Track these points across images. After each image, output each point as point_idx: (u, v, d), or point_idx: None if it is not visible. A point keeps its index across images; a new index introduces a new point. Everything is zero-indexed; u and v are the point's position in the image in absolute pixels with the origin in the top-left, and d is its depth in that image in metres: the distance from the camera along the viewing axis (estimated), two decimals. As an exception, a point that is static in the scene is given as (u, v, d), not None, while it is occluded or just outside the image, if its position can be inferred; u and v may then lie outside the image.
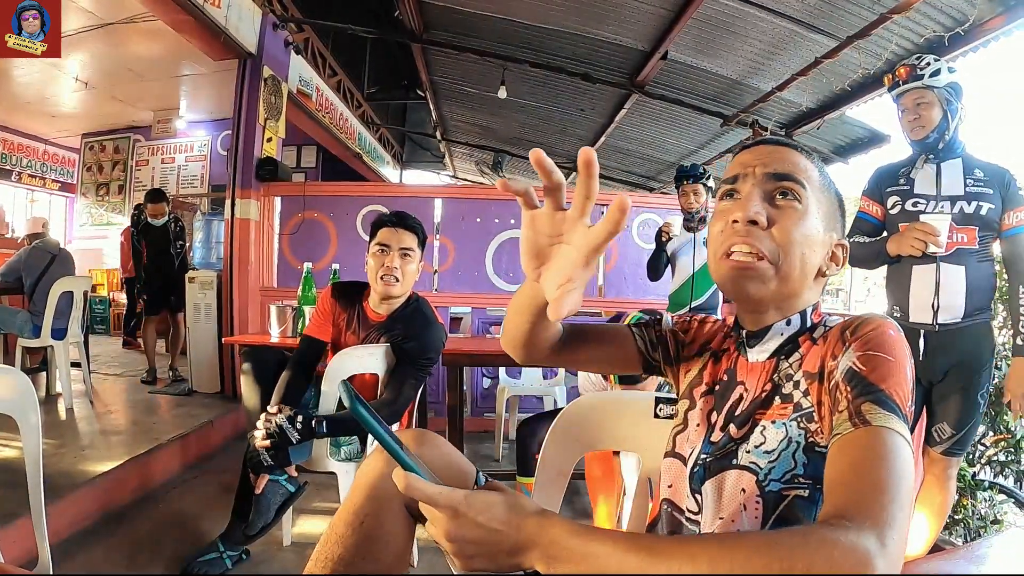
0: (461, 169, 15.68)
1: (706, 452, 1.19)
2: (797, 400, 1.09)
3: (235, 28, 5.47)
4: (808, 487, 1.04)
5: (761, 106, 6.99)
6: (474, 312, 5.81)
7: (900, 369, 0.97)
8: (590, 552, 0.78)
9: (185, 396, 5.51)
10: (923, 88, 2.75)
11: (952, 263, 2.69)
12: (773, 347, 1.18)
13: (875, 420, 0.89)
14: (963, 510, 3.46)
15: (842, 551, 0.71)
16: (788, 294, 1.14)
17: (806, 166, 1.16)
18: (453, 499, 0.84)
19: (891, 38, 5.03)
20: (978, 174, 2.72)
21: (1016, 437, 3.43)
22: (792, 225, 1.10)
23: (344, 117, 9.39)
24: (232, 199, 5.71)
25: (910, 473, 0.85)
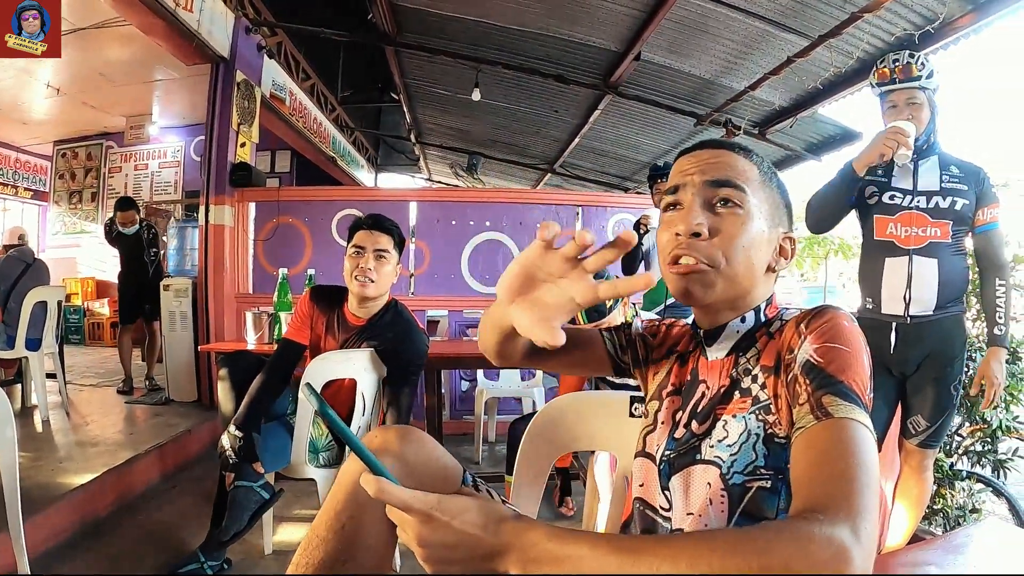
0: (436, 172, 15.64)
1: (670, 449, 1.22)
2: (755, 393, 1.11)
3: (207, 32, 5.43)
4: (770, 478, 1.05)
5: (734, 105, 7.03)
6: (451, 315, 5.82)
7: (857, 359, 0.98)
8: (568, 555, 0.78)
9: (162, 405, 5.46)
10: (917, 88, 2.78)
11: (925, 256, 2.74)
12: (730, 345, 1.20)
13: (837, 412, 0.91)
14: (942, 500, 3.51)
15: (818, 544, 0.72)
16: (737, 295, 1.16)
17: (745, 167, 1.17)
18: (427, 503, 0.83)
19: (862, 36, 5.08)
20: (953, 170, 2.77)
21: (992, 427, 3.47)
22: (735, 232, 1.12)
23: (318, 121, 9.36)
24: (206, 205, 5.66)
25: (876, 462, 0.86)
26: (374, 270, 2.79)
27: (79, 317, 9.88)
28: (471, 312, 5.81)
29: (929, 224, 2.73)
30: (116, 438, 4.46)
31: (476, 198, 6.37)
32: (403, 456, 1.17)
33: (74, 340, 9.61)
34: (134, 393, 5.86)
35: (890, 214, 2.81)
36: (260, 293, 5.56)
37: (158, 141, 9.96)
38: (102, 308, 9.87)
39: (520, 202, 5.97)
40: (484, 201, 6.02)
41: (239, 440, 2.57)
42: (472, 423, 5.15)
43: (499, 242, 5.73)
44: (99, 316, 9.87)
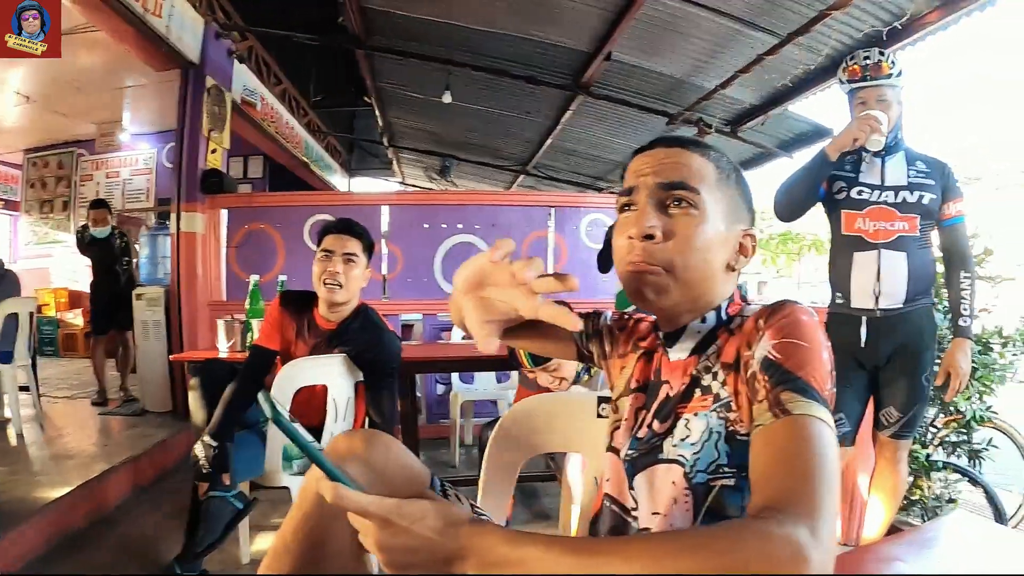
0: (409, 175, 15.59)
1: (632, 448, 1.22)
2: (716, 391, 1.11)
3: (177, 37, 5.38)
4: (733, 475, 1.05)
5: (705, 104, 7.08)
6: (425, 319, 5.81)
7: (816, 354, 0.97)
8: (525, 558, 0.78)
9: (137, 416, 5.41)
10: (886, 86, 2.81)
11: (893, 250, 2.78)
12: (691, 346, 1.19)
13: (796, 409, 0.90)
14: (919, 491, 3.55)
15: (776, 544, 0.72)
16: (695, 297, 1.15)
17: (700, 166, 1.15)
18: (385, 508, 0.83)
19: (831, 34, 5.13)
20: (920, 166, 2.83)
21: (967, 418, 3.52)
22: (689, 234, 1.10)
23: (290, 126, 9.30)
24: (177, 213, 5.61)
25: (835, 458, 0.86)
26: (342, 274, 2.80)
27: (52, 328, 9.73)
28: (445, 316, 5.76)
29: (897, 218, 2.78)
30: (91, 451, 4.42)
31: (448, 201, 6.37)
32: (369, 460, 1.16)
33: (48, 352, 9.46)
34: (109, 404, 5.80)
35: (858, 209, 2.85)
36: (233, 300, 5.51)
37: (129, 148, 9.81)
38: (76, 319, 9.73)
39: (493, 204, 5.98)
40: (456, 204, 6.02)
41: (213, 449, 2.56)
42: (448, 427, 5.14)
43: (472, 244, 5.72)
44: (73, 327, 9.72)
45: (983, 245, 3.59)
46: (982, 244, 3.58)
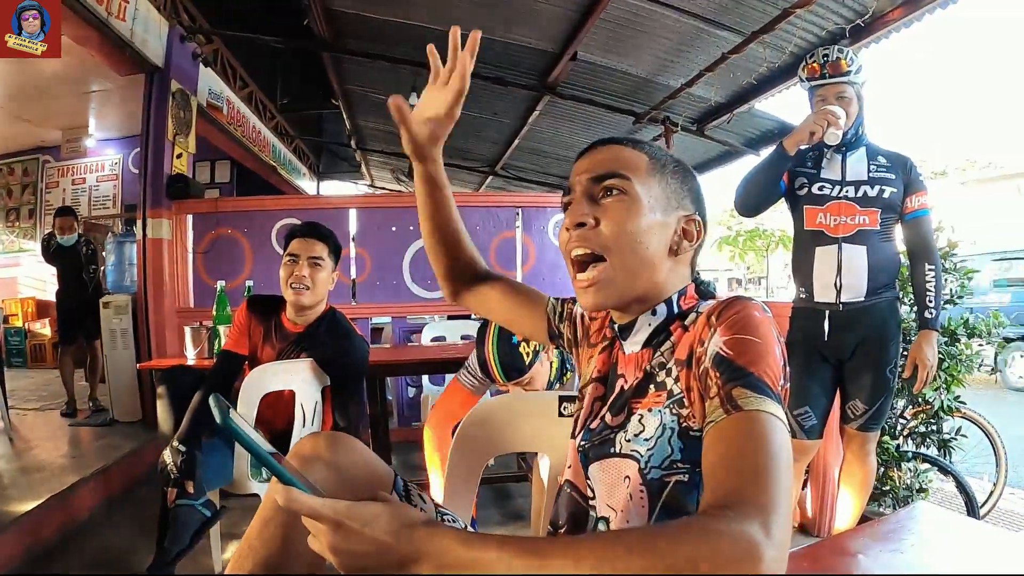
0: (378, 178, 15.57)
1: (585, 439, 1.24)
2: (669, 387, 1.11)
3: (141, 41, 5.32)
4: (687, 471, 1.06)
5: (671, 102, 7.13)
6: (395, 322, 5.76)
7: (768, 350, 0.98)
8: (479, 559, 0.78)
9: (106, 426, 5.35)
10: (845, 83, 2.84)
11: (854, 244, 2.81)
12: (643, 338, 1.21)
13: (747, 405, 0.91)
14: (890, 481, 3.60)
15: (727, 541, 0.72)
16: (642, 285, 1.17)
17: (631, 157, 1.19)
18: (336, 511, 0.82)
19: (794, 32, 5.18)
20: (881, 160, 2.86)
21: (935, 408, 3.56)
22: (618, 216, 1.14)
23: (257, 129, 9.22)
24: (143, 219, 5.53)
25: (787, 453, 0.86)
26: (308, 277, 2.80)
27: (20, 339, 9.60)
28: (415, 318, 5.80)
29: (858, 212, 2.81)
30: (61, 462, 4.37)
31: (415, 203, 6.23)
32: (333, 462, 1.17)
33: (16, 363, 9.34)
34: (78, 415, 5.73)
35: (819, 204, 2.88)
36: (201, 307, 5.45)
37: (95, 154, 9.69)
38: (43, 329, 9.59)
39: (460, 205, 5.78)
40: (422, 206, 5.92)
41: (181, 455, 2.54)
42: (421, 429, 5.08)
43: (439, 246, 5.64)
44: (41, 337, 9.60)
45: (945, 238, 3.64)
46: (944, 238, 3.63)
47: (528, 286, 1.56)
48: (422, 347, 4.81)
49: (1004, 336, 5.57)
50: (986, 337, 3.69)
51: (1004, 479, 3.87)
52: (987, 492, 3.88)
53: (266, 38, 7.61)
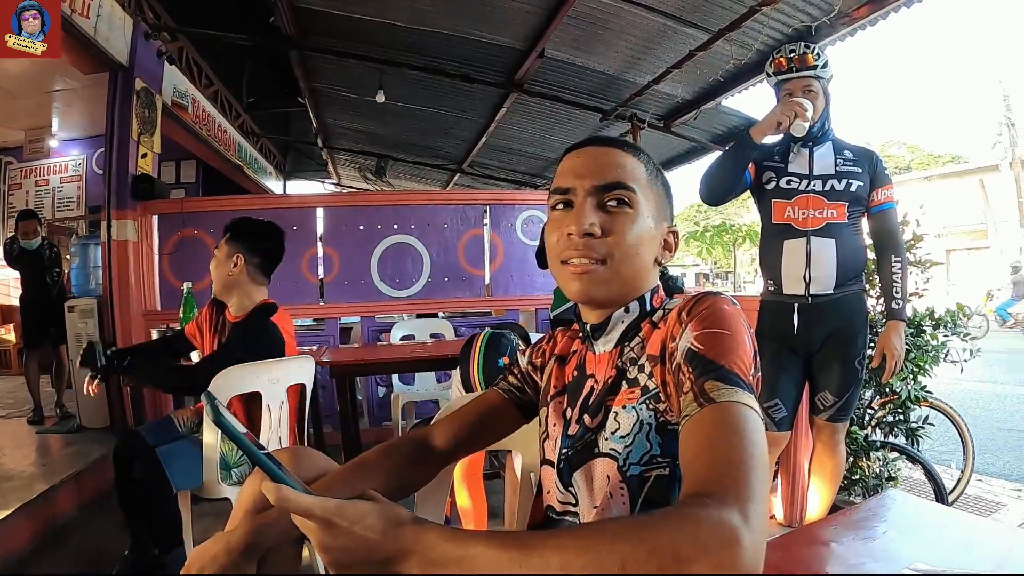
0: (345, 176, 15.50)
1: (566, 446, 1.23)
2: (644, 383, 1.12)
3: (105, 39, 5.21)
4: (667, 465, 1.07)
5: (639, 99, 7.15)
6: (363, 321, 5.74)
7: (739, 342, 1.00)
8: (466, 555, 0.78)
9: (74, 433, 5.27)
10: (812, 77, 2.87)
11: (822, 236, 2.84)
12: (617, 336, 1.22)
13: (720, 397, 0.92)
14: (860, 471, 3.63)
15: (705, 527, 0.73)
16: (627, 291, 1.19)
17: (634, 166, 1.20)
18: (326, 509, 0.83)
19: (761, 29, 5.22)
20: (847, 155, 2.90)
21: (902, 398, 3.60)
22: (625, 230, 1.15)
23: (223, 128, 9.12)
24: (108, 220, 5.45)
25: (763, 443, 0.88)
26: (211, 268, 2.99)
27: (-14, 346, 9.43)
28: (383, 317, 5.78)
29: (826, 206, 2.84)
30: (30, 471, 4.30)
31: (383, 201, 6.31)
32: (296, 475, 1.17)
33: (-18, 371, 9.18)
34: (45, 422, 5.62)
35: (787, 198, 2.91)
36: (168, 309, 5.38)
37: (59, 155, 9.46)
38: (8, 334, 9.41)
39: (428, 204, 5.95)
40: (391, 204, 5.97)
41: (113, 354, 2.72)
42: (391, 429, 5.09)
43: (408, 244, 5.71)
44: (5, 343, 9.41)
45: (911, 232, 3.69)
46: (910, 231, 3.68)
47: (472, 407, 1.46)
48: (391, 346, 4.79)
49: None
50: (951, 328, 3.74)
51: (971, 466, 3.93)
52: (955, 479, 3.95)
53: (232, 36, 7.55)
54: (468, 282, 5.74)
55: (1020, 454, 5.61)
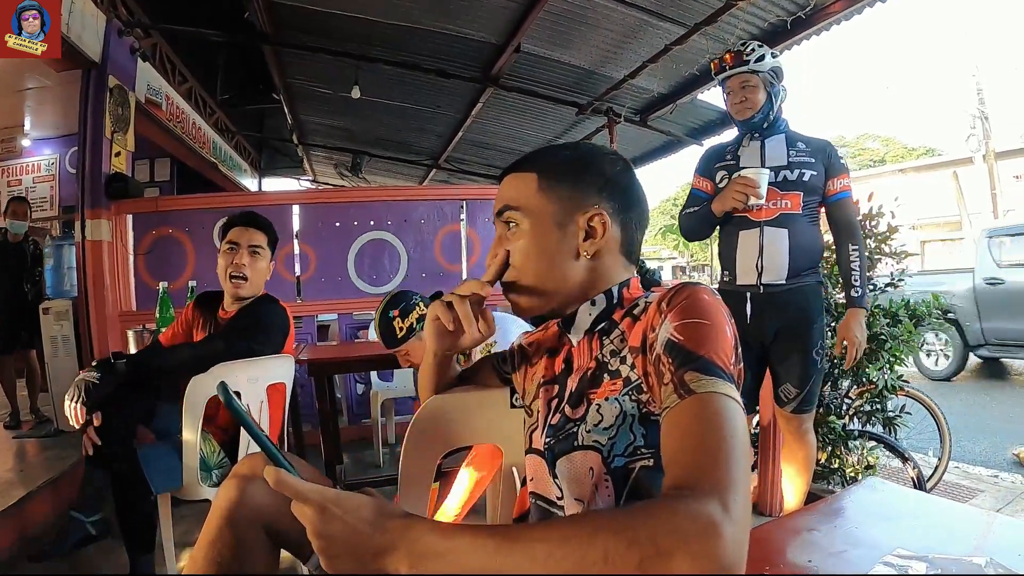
0: (321, 173, 15.42)
1: (549, 435, 1.25)
2: (626, 375, 1.13)
3: (77, 36, 5.13)
4: (652, 456, 1.08)
5: (615, 94, 7.21)
6: (341, 318, 5.71)
7: (718, 331, 1.00)
8: (451, 547, 0.80)
9: (51, 437, 5.17)
10: (749, 72, 2.94)
11: (775, 227, 2.90)
12: (585, 327, 1.24)
13: (700, 388, 0.92)
14: (837, 460, 3.69)
15: (685, 518, 0.73)
16: (555, 292, 1.23)
17: (519, 183, 1.25)
18: (323, 496, 0.85)
19: (736, 23, 5.26)
20: (800, 146, 2.95)
21: (879, 387, 3.64)
22: (518, 250, 1.23)
23: (197, 126, 9.05)
24: (82, 220, 5.38)
25: (743, 432, 0.88)
26: (248, 266, 2.83)
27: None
28: (360, 314, 5.74)
29: (779, 196, 2.90)
30: (7, 476, 4.23)
31: (359, 198, 6.28)
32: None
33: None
34: (22, 427, 5.50)
35: None
36: (144, 310, 5.30)
37: (31, 154, 9.31)
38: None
39: (405, 200, 5.92)
40: (367, 200, 5.94)
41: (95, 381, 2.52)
42: (371, 427, 5.08)
43: (385, 241, 5.68)
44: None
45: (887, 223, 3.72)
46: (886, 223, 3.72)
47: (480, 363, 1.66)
48: (369, 343, 4.77)
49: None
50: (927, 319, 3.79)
51: (948, 453, 3.99)
52: (932, 467, 4.00)
53: (206, 32, 7.48)
54: (445, 278, 5.70)
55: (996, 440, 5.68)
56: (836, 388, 3.75)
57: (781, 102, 3.03)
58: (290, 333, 3.00)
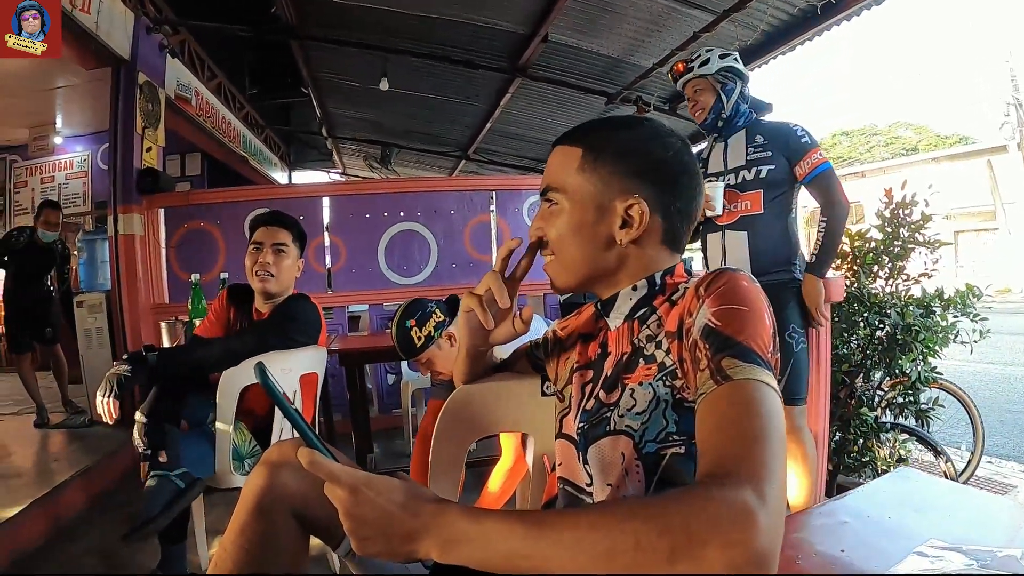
0: (350, 165, 15.58)
1: (582, 420, 1.23)
2: (660, 360, 1.11)
3: (106, 34, 5.20)
4: (683, 443, 1.06)
5: (643, 82, 7.16)
6: (371, 309, 5.74)
7: (757, 318, 0.98)
8: (482, 532, 0.80)
9: (85, 428, 5.26)
10: (696, 78, 3.06)
11: (735, 230, 3.01)
12: (625, 312, 1.22)
13: (737, 374, 0.91)
14: (869, 453, 3.63)
15: (720, 507, 0.72)
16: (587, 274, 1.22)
17: (563, 160, 1.22)
18: (356, 478, 0.86)
19: (766, 10, 5.20)
20: (759, 140, 2.99)
21: (912, 379, 3.59)
22: (555, 229, 1.21)
23: (227, 120, 9.13)
24: (115, 215, 5.46)
25: (780, 421, 0.87)
26: (273, 264, 2.81)
27: (-6, 343, 9.41)
28: (391, 305, 5.71)
29: (740, 199, 2.99)
30: (41, 467, 4.32)
31: (389, 189, 6.31)
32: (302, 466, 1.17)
33: (-11, 368, 9.14)
34: (54, 419, 5.51)
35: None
36: (177, 302, 5.37)
37: (63, 152, 9.43)
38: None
39: (434, 190, 5.95)
40: (397, 192, 5.97)
41: (145, 427, 2.50)
42: (401, 416, 5.12)
43: (414, 232, 5.71)
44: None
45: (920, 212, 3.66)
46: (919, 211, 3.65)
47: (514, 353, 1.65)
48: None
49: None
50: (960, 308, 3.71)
51: (981, 448, 3.93)
52: (965, 461, 3.94)
53: (233, 27, 7.54)
54: (475, 268, 5.72)
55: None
56: (868, 380, 3.69)
57: (736, 100, 3.06)
58: (322, 329, 3.00)
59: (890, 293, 3.61)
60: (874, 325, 3.57)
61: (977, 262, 22.46)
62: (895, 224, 3.64)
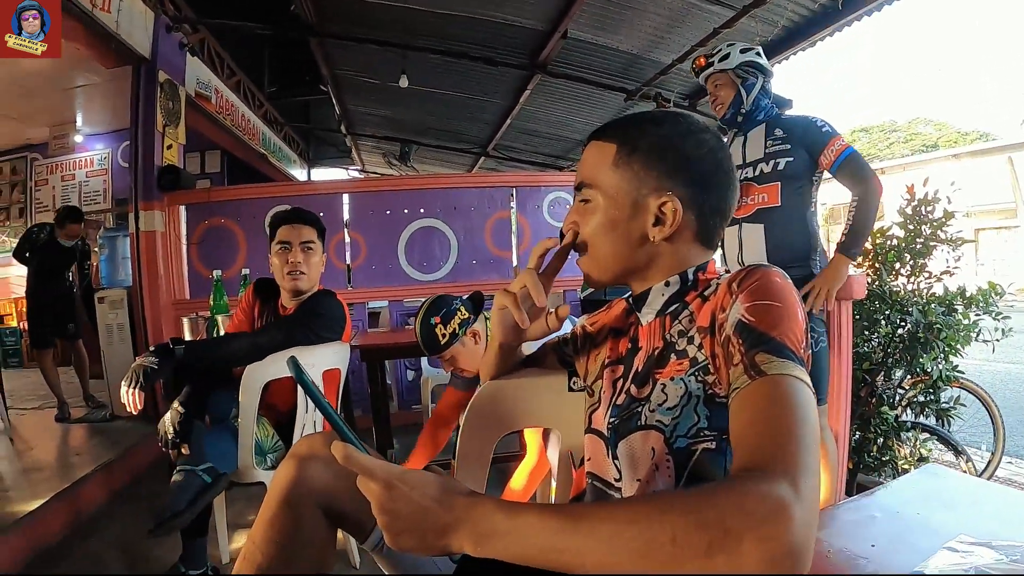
0: (369, 162, 15.64)
1: (613, 415, 1.23)
2: (692, 355, 1.11)
3: (127, 32, 5.25)
4: (714, 439, 1.05)
5: (663, 79, 7.15)
6: (391, 305, 5.75)
7: (790, 313, 0.98)
8: (516, 526, 0.80)
9: (106, 422, 5.30)
10: (716, 72, 3.05)
11: (752, 223, 2.98)
12: (658, 307, 1.21)
13: (771, 369, 0.91)
14: (890, 452, 3.60)
15: (755, 501, 0.72)
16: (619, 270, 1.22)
17: (598, 156, 1.22)
18: (390, 472, 0.86)
19: (787, 5, 5.18)
20: (778, 133, 2.96)
21: (933, 378, 3.55)
22: (587, 225, 1.21)
23: (246, 118, 9.20)
24: (135, 212, 5.51)
25: (814, 416, 0.86)
26: (303, 263, 2.82)
27: (16, 339, 9.47)
28: (411, 301, 5.76)
29: (757, 191, 2.96)
30: (62, 461, 4.34)
31: (408, 186, 6.34)
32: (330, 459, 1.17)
33: (12, 363, 9.23)
34: (75, 414, 5.60)
35: None
36: (198, 299, 5.44)
37: (84, 150, 9.51)
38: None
39: (454, 187, 5.97)
40: (417, 188, 5.99)
41: (180, 415, 2.51)
42: (421, 412, 5.13)
43: (434, 228, 5.73)
44: (32, 335, 9.48)
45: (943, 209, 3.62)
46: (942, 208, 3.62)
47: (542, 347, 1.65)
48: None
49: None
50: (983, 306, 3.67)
51: (1002, 448, 3.90)
52: (985, 461, 3.90)
53: (252, 25, 7.57)
54: (495, 264, 5.76)
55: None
56: (889, 378, 3.65)
57: (757, 95, 3.02)
58: (347, 325, 3.00)
59: (912, 291, 3.57)
60: (895, 323, 3.54)
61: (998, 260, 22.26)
62: (917, 221, 3.61)
